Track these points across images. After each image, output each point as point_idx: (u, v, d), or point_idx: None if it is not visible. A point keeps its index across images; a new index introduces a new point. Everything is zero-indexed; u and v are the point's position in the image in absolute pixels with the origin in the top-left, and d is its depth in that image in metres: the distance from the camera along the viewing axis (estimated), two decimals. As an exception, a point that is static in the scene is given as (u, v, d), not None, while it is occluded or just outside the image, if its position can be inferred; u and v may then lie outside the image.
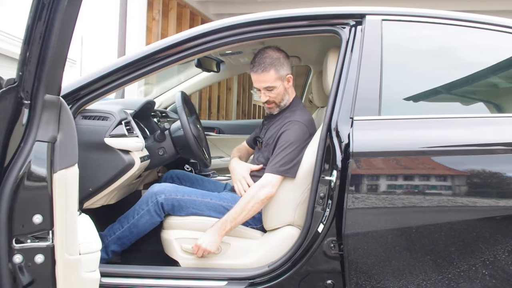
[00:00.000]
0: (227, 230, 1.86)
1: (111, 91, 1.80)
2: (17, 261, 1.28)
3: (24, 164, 1.28)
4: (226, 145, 3.61)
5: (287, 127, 1.97)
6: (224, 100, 7.11)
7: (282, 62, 2.00)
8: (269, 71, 1.96)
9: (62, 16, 1.23)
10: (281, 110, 2.08)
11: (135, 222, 1.96)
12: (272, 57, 1.98)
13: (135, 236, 1.99)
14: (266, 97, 2.01)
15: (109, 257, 1.99)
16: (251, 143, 2.38)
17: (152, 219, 1.96)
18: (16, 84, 1.26)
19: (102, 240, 1.99)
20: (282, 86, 2.01)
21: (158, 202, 1.94)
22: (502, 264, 1.55)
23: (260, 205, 1.87)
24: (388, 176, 1.62)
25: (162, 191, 1.97)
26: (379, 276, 1.61)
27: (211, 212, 1.97)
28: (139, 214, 1.96)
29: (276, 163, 1.90)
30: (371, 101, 1.68)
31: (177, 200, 1.95)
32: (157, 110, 2.85)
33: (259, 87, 2.01)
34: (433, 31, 1.84)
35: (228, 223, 1.86)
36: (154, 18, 5.40)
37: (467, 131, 1.65)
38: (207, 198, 2.00)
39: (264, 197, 1.86)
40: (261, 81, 1.98)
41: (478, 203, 1.60)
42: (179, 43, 1.80)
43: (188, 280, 1.78)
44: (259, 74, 1.97)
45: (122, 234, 1.98)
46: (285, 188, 1.88)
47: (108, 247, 1.98)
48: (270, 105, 2.05)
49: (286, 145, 1.92)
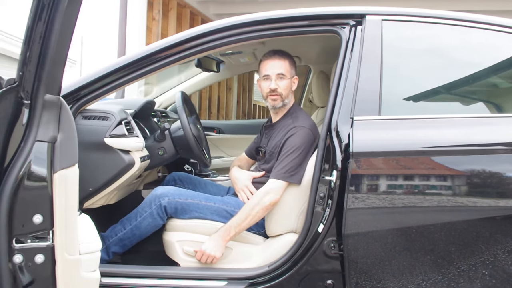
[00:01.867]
0: (231, 236, 1.86)
1: (111, 91, 1.80)
2: (17, 261, 1.28)
3: (24, 164, 1.28)
4: (226, 145, 3.61)
5: (293, 132, 1.96)
6: (224, 100, 7.11)
7: (294, 62, 2.11)
8: (285, 59, 2.05)
9: (62, 16, 1.23)
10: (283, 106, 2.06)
11: (137, 224, 1.96)
12: (287, 53, 2.10)
13: (137, 238, 1.98)
14: (276, 85, 2.02)
15: (110, 258, 1.99)
16: (251, 153, 2.36)
17: (155, 222, 1.95)
18: (16, 84, 1.26)
19: (103, 241, 1.99)
20: (290, 81, 2.06)
21: (161, 205, 1.93)
22: (502, 264, 1.55)
23: (264, 211, 1.87)
24: (388, 176, 1.62)
25: (165, 194, 1.96)
26: (379, 276, 1.61)
27: (214, 216, 1.96)
28: (142, 217, 1.95)
29: (281, 169, 1.89)
30: (371, 101, 1.68)
31: (180, 203, 1.94)
32: (157, 110, 2.85)
33: (272, 73, 2.02)
34: (433, 31, 1.84)
35: (232, 229, 1.86)
36: (154, 18, 5.40)
37: (467, 131, 1.65)
38: (211, 202, 1.99)
39: (268, 204, 1.86)
40: (276, 67, 2.02)
41: (478, 203, 1.60)
42: (179, 43, 1.80)
43: (188, 280, 1.78)
44: (277, 59, 2.04)
45: (124, 235, 1.97)
46: (289, 196, 1.87)
47: (109, 248, 1.98)
48: (275, 96, 2.03)
49: (291, 151, 1.91)
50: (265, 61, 2.06)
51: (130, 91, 4.36)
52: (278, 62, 2.03)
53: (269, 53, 2.07)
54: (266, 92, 2.04)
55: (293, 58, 2.11)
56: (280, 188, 1.87)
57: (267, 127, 2.21)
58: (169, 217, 1.98)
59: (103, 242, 1.99)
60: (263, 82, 2.06)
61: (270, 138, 2.11)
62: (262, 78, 2.06)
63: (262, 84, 2.06)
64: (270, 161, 2.05)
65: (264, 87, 2.05)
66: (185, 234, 1.93)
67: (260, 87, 2.09)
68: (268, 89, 2.02)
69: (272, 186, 1.88)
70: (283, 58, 2.04)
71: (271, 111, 2.14)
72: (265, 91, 2.05)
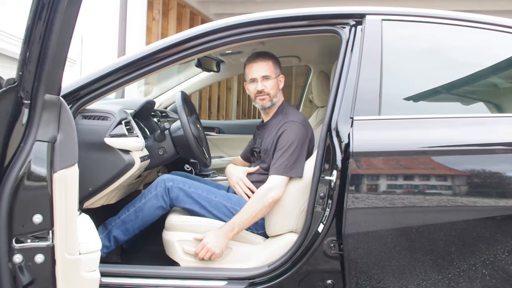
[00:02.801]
0: (234, 233, 1.86)
1: (111, 91, 1.80)
2: (17, 261, 1.28)
3: (24, 164, 1.27)
4: (226, 145, 3.61)
5: (285, 128, 1.99)
6: (224, 100, 7.11)
7: (277, 61, 2.15)
8: (269, 60, 2.10)
9: (62, 16, 1.23)
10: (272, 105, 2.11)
11: (141, 205, 1.99)
12: (270, 54, 2.15)
13: (139, 222, 1.99)
14: (262, 86, 2.07)
15: (111, 244, 1.99)
16: (246, 156, 2.39)
17: (158, 203, 1.98)
18: (16, 84, 1.26)
19: (106, 226, 2.02)
20: (276, 80, 2.11)
21: (166, 186, 1.99)
22: (502, 264, 1.55)
23: (267, 208, 1.87)
24: (388, 176, 1.62)
25: (171, 178, 2.03)
26: (379, 276, 1.61)
27: (212, 209, 1.98)
28: (146, 198, 2.00)
29: (280, 165, 1.90)
30: (371, 101, 1.68)
31: (183, 191, 1.99)
32: (157, 110, 2.86)
33: (257, 76, 2.07)
34: (433, 31, 1.84)
35: (236, 226, 1.86)
36: (154, 18, 5.39)
37: (467, 131, 1.65)
38: (212, 196, 2.02)
39: (271, 200, 1.86)
40: (261, 69, 2.07)
41: (478, 203, 1.60)
42: (179, 43, 1.80)
43: (188, 280, 1.78)
44: (260, 61, 2.09)
45: (127, 218, 2.00)
46: (289, 195, 1.87)
47: (110, 232, 1.99)
48: (263, 96, 2.08)
49: (287, 146, 1.93)
50: (249, 64, 2.11)
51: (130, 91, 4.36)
52: (261, 64, 2.08)
53: (252, 56, 2.13)
54: (254, 94, 2.10)
55: (276, 57, 2.16)
56: (282, 183, 1.87)
57: (259, 127, 2.25)
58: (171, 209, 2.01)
59: (105, 228, 2.02)
60: (250, 85, 2.12)
61: (263, 138, 2.14)
62: (249, 81, 2.12)
63: (249, 87, 2.12)
64: (266, 160, 2.07)
65: (252, 89, 2.11)
66: (185, 234, 1.93)
67: (248, 90, 2.14)
68: (256, 91, 2.08)
69: (274, 183, 1.88)
70: (266, 60, 2.09)
71: (261, 112, 2.19)
72: (253, 93, 2.11)
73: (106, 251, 1.97)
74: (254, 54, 2.14)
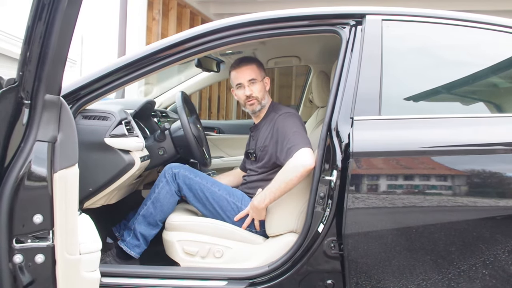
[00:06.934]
0: (266, 204, 1.88)
1: (111, 91, 1.80)
2: (17, 261, 1.28)
3: (25, 164, 1.28)
4: (226, 145, 3.61)
5: (282, 119, 2.02)
6: (224, 100, 7.11)
7: (260, 64, 2.17)
8: (252, 64, 2.13)
9: (62, 16, 1.24)
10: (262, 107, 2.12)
11: (156, 195, 2.01)
12: (253, 58, 2.21)
13: (159, 212, 2.00)
14: (250, 90, 2.09)
15: (140, 242, 1.99)
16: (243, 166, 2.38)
17: (171, 189, 2.01)
18: (17, 84, 1.26)
19: (127, 226, 2.03)
20: (262, 83, 2.13)
21: (173, 172, 2.02)
22: (502, 264, 1.55)
23: (299, 179, 1.79)
24: (388, 176, 1.62)
25: (178, 166, 2.06)
26: (379, 276, 1.61)
27: (213, 202, 2.00)
28: (159, 187, 2.02)
29: (292, 144, 1.87)
30: (371, 101, 1.68)
31: (188, 179, 2.02)
32: (157, 110, 2.86)
33: (243, 81, 2.09)
34: (433, 31, 1.84)
35: (267, 198, 1.87)
36: (154, 18, 5.39)
37: (467, 131, 1.65)
38: (216, 188, 2.03)
39: (303, 170, 1.78)
40: (246, 74, 2.10)
41: (478, 203, 1.60)
42: (179, 43, 1.80)
43: (188, 280, 1.78)
44: (243, 67, 2.11)
45: (146, 211, 2.01)
46: (289, 195, 1.87)
47: (135, 230, 2.00)
48: (252, 101, 2.09)
49: (290, 132, 1.93)
50: (234, 71, 2.14)
51: (130, 91, 4.36)
52: (246, 69, 2.11)
53: (236, 63, 2.15)
54: (243, 99, 2.12)
55: (259, 60, 2.19)
56: (307, 153, 1.82)
57: (252, 129, 2.26)
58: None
59: (128, 229, 2.02)
60: (238, 91, 2.13)
61: (257, 138, 2.14)
62: (236, 87, 2.14)
63: (237, 92, 2.14)
64: (263, 157, 2.08)
65: (240, 95, 2.12)
66: (185, 234, 1.93)
67: (237, 96, 2.16)
68: (244, 96, 2.10)
69: (300, 154, 1.82)
70: (250, 64, 2.12)
71: (252, 116, 2.20)
72: (241, 98, 2.12)
73: (138, 251, 1.99)
74: (237, 60, 2.16)
